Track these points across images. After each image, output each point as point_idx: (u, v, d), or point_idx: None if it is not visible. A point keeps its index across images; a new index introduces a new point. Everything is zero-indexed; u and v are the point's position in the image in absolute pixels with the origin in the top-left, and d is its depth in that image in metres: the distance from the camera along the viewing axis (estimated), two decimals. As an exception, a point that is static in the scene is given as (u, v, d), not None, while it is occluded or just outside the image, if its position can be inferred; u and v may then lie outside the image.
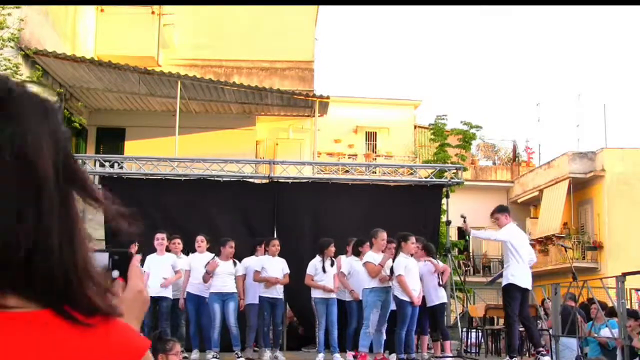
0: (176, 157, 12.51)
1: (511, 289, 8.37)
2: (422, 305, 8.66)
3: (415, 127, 28.72)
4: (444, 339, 9.17)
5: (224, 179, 11.19)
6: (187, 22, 17.58)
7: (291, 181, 11.43)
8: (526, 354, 10.29)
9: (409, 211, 10.96)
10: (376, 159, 25.58)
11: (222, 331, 8.72)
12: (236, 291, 8.84)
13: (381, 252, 8.33)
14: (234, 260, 8.94)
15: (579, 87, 74.95)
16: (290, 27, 17.85)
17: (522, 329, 9.25)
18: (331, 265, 8.95)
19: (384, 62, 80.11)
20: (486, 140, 29.73)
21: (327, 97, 16.10)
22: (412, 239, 8.41)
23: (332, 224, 10.59)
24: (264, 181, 11.68)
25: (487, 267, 26.66)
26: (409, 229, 8.91)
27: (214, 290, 8.71)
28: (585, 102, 67.28)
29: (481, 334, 11.93)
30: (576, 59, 75.97)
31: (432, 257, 9.22)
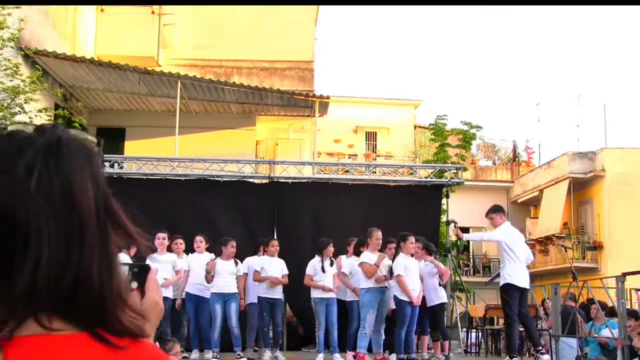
0: (176, 157, 12.52)
1: (509, 288, 8.35)
2: (422, 305, 8.66)
3: (415, 127, 28.72)
4: (444, 339, 9.17)
5: (224, 179, 11.20)
6: (187, 22, 17.58)
7: (291, 181, 11.44)
8: (526, 353, 10.29)
9: (409, 211, 10.97)
10: (376, 159, 25.57)
11: (222, 331, 8.71)
12: (237, 291, 8.83)
13: (377, 252, 8.34)
14: (236, 260, 8.93)
15: (579, 87, 74.99)
16: (290, 27, 17.84)
17: (522, 329, 9.25)
18: (330, 265, 8.94)
19: (384, 62, 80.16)
20: (486, 140, 29.76)
21: (327, 97, 16.10)
22: (411, 239, 8.41)
23: (332, 224, 10.60)
24: (264, 181, 11.68)
25: (487, 267, 26.66)
26: (409, 229, 8.91)
27: (215, 290, 8.69)
28: (585, 102, 67.33)
29: (481, 334, 11.92)
30: (576, 59, 76.03)
31: (433, 257, 9.21)
